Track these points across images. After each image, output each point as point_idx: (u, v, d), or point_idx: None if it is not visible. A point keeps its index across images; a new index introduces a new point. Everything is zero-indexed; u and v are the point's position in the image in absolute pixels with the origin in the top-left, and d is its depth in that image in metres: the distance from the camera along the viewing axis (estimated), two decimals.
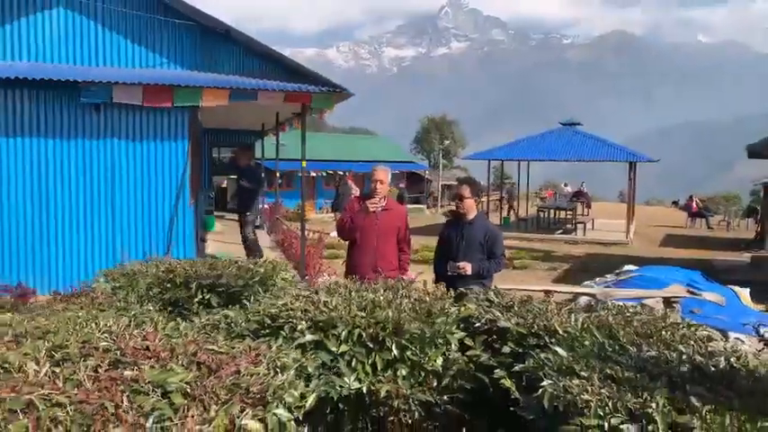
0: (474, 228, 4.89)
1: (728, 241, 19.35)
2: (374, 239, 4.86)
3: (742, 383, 2.24)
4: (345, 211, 5.12)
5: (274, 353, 2.32)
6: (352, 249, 4.98)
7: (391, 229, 5.01)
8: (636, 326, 2.94)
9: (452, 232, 4.98)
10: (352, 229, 4.89)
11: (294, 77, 7.63)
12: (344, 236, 5.04)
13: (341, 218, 5.10)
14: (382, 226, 4.89)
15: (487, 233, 4.92)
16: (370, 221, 4.84)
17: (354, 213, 4.91)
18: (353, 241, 4.97)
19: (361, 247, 4.88)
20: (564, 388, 2.09)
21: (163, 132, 7.34)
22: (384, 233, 4.92)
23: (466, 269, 4.71)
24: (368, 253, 4.86)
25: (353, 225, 4.87)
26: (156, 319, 2.61)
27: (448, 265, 4.80)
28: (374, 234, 4.86)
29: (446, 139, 41.64)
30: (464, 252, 4.83)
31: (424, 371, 3.01)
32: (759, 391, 2.17)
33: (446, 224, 5.27)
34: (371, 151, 28.79)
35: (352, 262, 4.96)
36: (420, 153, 44.49)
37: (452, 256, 4.84)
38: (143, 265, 4.10)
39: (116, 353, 2.18)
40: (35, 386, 1.85)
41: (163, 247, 7.48)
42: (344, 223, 4.93)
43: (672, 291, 6.51)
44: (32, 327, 2.39)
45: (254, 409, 1.90)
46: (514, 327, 3.08)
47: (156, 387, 1.94)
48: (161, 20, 7.22)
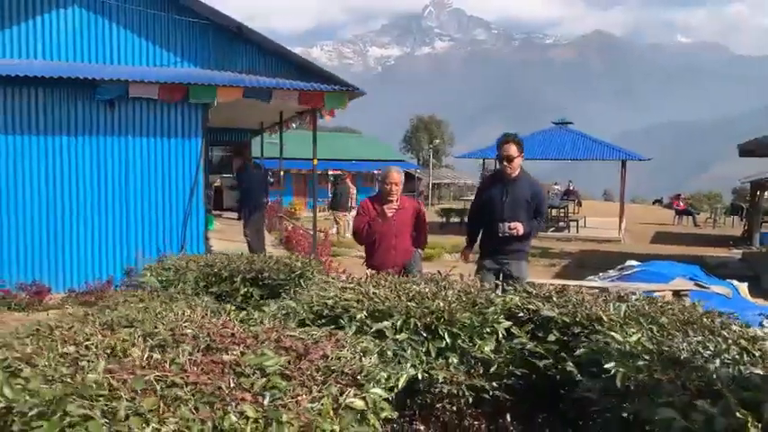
0: (519, 185, 4.63)
1: (716, 238, 19.73)
2: (392, 239, 4.90)
3: None
4: (360, 215, 5.05)
5: (353, 339, 2.43)
6: (373, 251, 4.99)
7: (407, 226, 5.04)
8: (676, 313, 3.10)
9: (495, 191, 4.66)
10: (369, 234, 4.91)
11: (306, 76, 7.71)
12: (361, 240, 5.05)
13: (357, 223, 5.07)
14: (399, 225, 4.91)
15: (533, 191, 4.69)
16: (387, 223, 4.87)
17: (372, 219, 4.90)
18: (370, 244, 4.98)
19: (381, 248, 4.91)
20: (636, 368, 2.23)
21: (177, 129, 7.40)
22: (401, 232, 4.94)
23: (518, 229, 4.47)
24: (388, 252, 4.89)
25: (371, 230, 4.89)
26: (228, 308, 2.70)
27: (498, 226, 4.51)
28: (392, 234, 4.89)
29: (435, 138, 41.96)
30: (510, 211, 4.56)
31: (474, 358, 3.15)
32: None
33: (485, 183, 5.04)
34: (362, 150, 28.90)
35: (374, 263, 4.96)
36: (409, 152, 44.77)
37: (496, 217, 4.57)
38: (182, 261, 4.18)
39: (205, 339, 2.29)
40: (146, 369, 1.95)
41: (177, 244, 7.54)
42: (362, 229, 4.93)
43: (679, 284, 6.72)
44: (117, 316, 2.48)
45: (353, 389, 2.01)
46: (559, 316, 3.22)
47: (256, 370, 2.05)
48: (174, 18, 7.26)
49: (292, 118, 11.00)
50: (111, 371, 1.89)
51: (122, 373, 1.87)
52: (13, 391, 1.74)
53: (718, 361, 2.37)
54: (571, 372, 2.81)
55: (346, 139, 31.59)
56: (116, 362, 1.99)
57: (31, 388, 1.76)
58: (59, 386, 1.75)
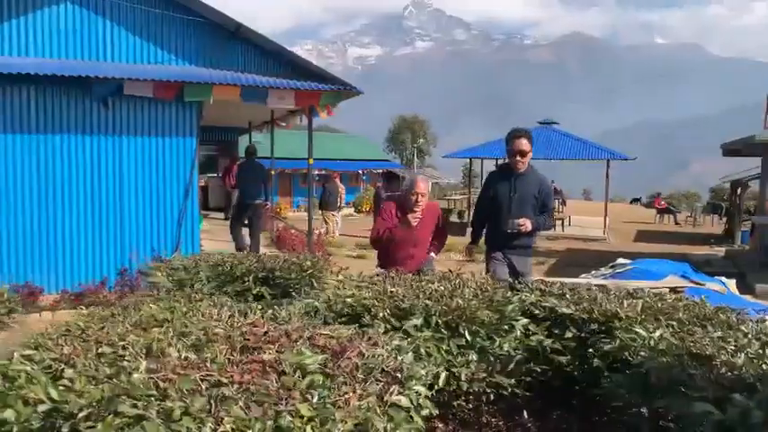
0: (527, 180, 4.59)
1: (697, 236, 20.07)
2: (411, 249, 4.76)
3: None
4: (383, 219, 4.85)
5: (386, 337, 2.43)
6: (388, 257, 4.82)
7: (428, 234, 4.91)
8: (691, 309, 3.15)
9: (503, 187, 4.61)
10: (389, 241, 4.74)
11: (302, 75, 7.68)
12: (380, 247, 4.89)
13: (377, 229, 4.85)
14: (419, 235, 4.78)
15: (541, 186, 4.64)
16: (408, 232, 4.70)
17: (394, 225, 4.71)
18: (387, 249, 4.82)
19: (398, 257, 4.74)
20: (667, 363, 2.26)
21: (171, 128, 7.31)
22: (421, 241, 4.82)
23: (526, 225, 4.42)
24: (404, 262, 4.71)
25: (392, 236, 4.71)
26: (254, 307, 2.68)
27: (507, 222, 4.47)
28: (410, 244, 4.75)
29: (419, 137, 42.10)
30: (517, 207, 4.52)
31: (493, 355, 3.17)
32: None
33: (492, 178, 4.89)
34: (348, 150, 28.82)
35: (389, 267, 4.76)
36: (393, 152, 44.84)
37: (504, 212, 4.53)
38: (190, 260, 4.14)
39: (239, 339, 2.27)
40: (188, 369, 1.93)
41: (171, 245, 7.46)
42: (382, 235, 4.75)
43: (674, 281, 6.82)
44: (145, 316, 2.45)
45: (395, 387, 2.01)
46: (576, 313, 3.26)
47: (296, 368, 2.04)
48: (170, 16, 7.18)
49: (284, 117, 10.95)
50: (154, 371, 1.87)
51: (166, 373, 1.85)
52: (58, 392, 1.71)
53: (742, 356, 2.41)
54: (593, 368, 2.84)
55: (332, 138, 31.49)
56: (155, 362, 1.97)
57: (77, 389, 1.73)
58: (106, 387, 1.73)
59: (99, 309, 3.13)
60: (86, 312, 2.83)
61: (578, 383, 3.37)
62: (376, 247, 4.96)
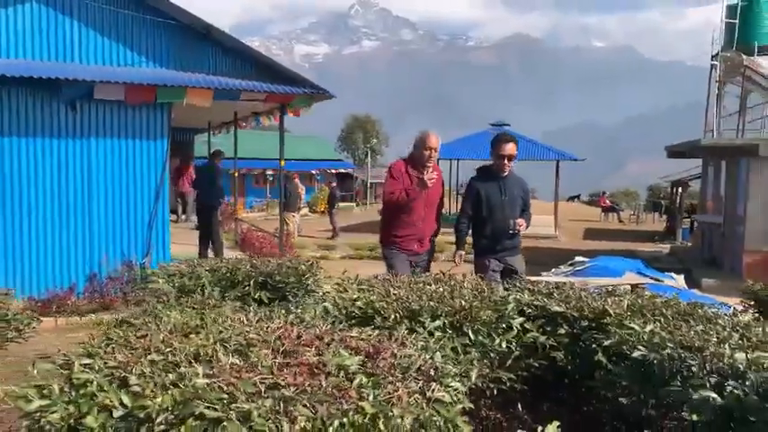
0: (512, 183, 4.78)
1: (640, 234, 21.06)
2: (422, 210, 4.61)
3: None
4: (395, 179, 4.57)
5: (413, 338, 2.58)
6: (398, 221, 4.62)
7: (437, 197, 4.80)
8: (672, 306, 3.44)
9: (492, 190, 4.72)
10: (407, 203, 4.50)
11: (274, 77, 7.70)
12: (393, 209, 4.64)
13: (391, 191, 4.55)
14: (431, 196, 4.65)
15: (522, 187, 4.85)
16: (420, 194, 4.53)
17: (408, 187, 4.50)
18: (397, 214, 4.63)
19: (408, 219, 4.57)
20: (668, 355, 2.50)
21: (142, 131, 7.21)
22: (431, 203, 4.69)
23: (524, 225, 4.63)
24: (414, 225, 4.61)
25: (409, 199, 4.49)
26: (278, 312, 2.78)
27: (509, 223, 4.60)
28: (422, 205, 4.60)
29: (371, 137, 42.38)
30: (510, 208, 4.67)
31: (493, 352, 3.37)
32: None
33: (477, 183, 4.90)
34: (301, 149, 28.70)
35: (398, 234, 4.64)
36: (345, 151, 44.90)
37: (498, 215, 4.65)
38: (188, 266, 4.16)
39: (276, 342, 2.37)
40: (242, 373, 2.02)
41: (142, 249, 7.36)
42: (398, 198, 4.50)
43: (633, 278, 7.25)
44: (179, 323, 2.51)
45: (434, 384, 2.16)
46: (568, 311, 3.50)
47: (339, 369, 2.17)
48: (140, 17, 7.08)
49: (247, 117, 10.92)
50: (213, 375, 1.96)
51: (226, 378, 1.94)
52: (129, 398, 1.79)
53: (727, 347, 2.68)
54: (594, 361, 3.07)
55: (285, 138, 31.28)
56: (209, 367, 2.06)
57: (146, 395, 1.80)
58: (175, 392, 1.81)
59: (108, 316, 3.16)
60: (102, 320, 2.86)
61: (568, 377, 3.62)
62: (392, 210, 4.69)
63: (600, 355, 2.96)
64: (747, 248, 10.35)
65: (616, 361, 2.95)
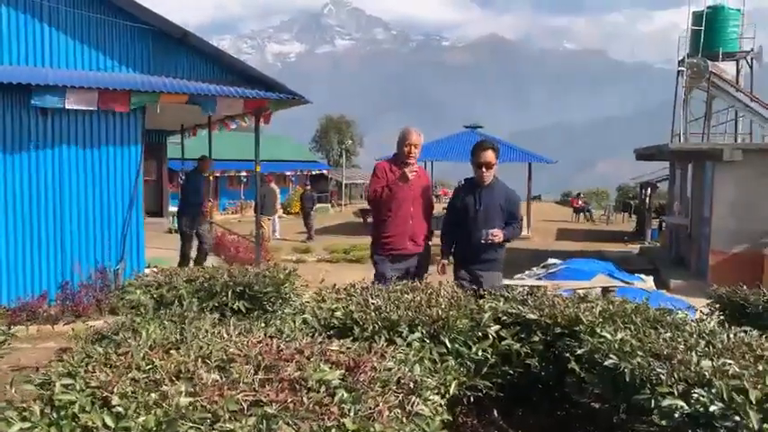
0: (493, 193, 4.64)
1: (611, 234, 21.47)
2: (409, 207, 4.60)
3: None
4: (377, 177, 4.63)
5: (392, 350, 2.62)
6: (387, 220, 4.62)
7: (424, 194, 4.77)
8: (642, 312, 3.55)
9: (469, 199, 4.64)
10: (389, 199, 4.54)
11: (249, 82, 7.67)
12: (380, 207, 4.65)
13: (374, 189, 4.60)
14: (416, 192, 4.64)
15: (507, 197, 4.70)
16: (405, 190, 4.54)
17: (390, 182, 4.52)
18: (384, 213, 4.62)
19: (397, 218, 4.57)
20: (638, 364, 2.59)
21: (115, 137, 7.11)
22: (419, 201, 4.67)
23: (498, 236, 4.46)
24: (404, 223, 4.59)
25: (391, 194, 4.52)
26: (258, 324, 2.80)
27: (482, 233, 4.48)
28: (409, 202, 4.59)
29: (345, 138, 42.35)
30: (484, 219, 4.54)
31: (469, 360, 3.43)
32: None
33: (458, 191, 4.90)
34: (275, 151, 28.53)
35: (388, 233, 4.62)
36: (319, 152, 44.77)
37: (470, 225, 4.57)
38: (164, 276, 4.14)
39: (256, 357, 2.40)
40: (224, 390, 2.04)
41: (116, 256, 7.27)
42: (380, 194, 4.55)
43: (604, 280, 7.42)
44: (160, 338, 2.52)
45: (412, 397, 2.21)
46: (542, 318, 3.58)
47: (321, 384, 2.20)
48: (113, 22, 6.98)
49: (221, 119, 10.85)
50: (195, 394, 1.98)
51: (209, 395, 1.96)
52: (112, 419, 1.80)
53: (694, 354, 2.79)
54: (567, 369, 3.16)
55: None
56: (191, 385, 2.07)
57: (129, 415, 1.81)
58: (158, 412, 1.83)
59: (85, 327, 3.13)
60: (77, 331, 2.84)
61: (542, 383, 3.71)
62: (377, 208, 4.73)
63: (573, 363, 3.04)
64: (713, 249, 10.65)
65: (589, 368, 3.04)
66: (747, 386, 2.33)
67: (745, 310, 4.52)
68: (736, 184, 10.44)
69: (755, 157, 10.44)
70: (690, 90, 13.53)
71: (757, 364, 2.60)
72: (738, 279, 5.11)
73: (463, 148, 20.21)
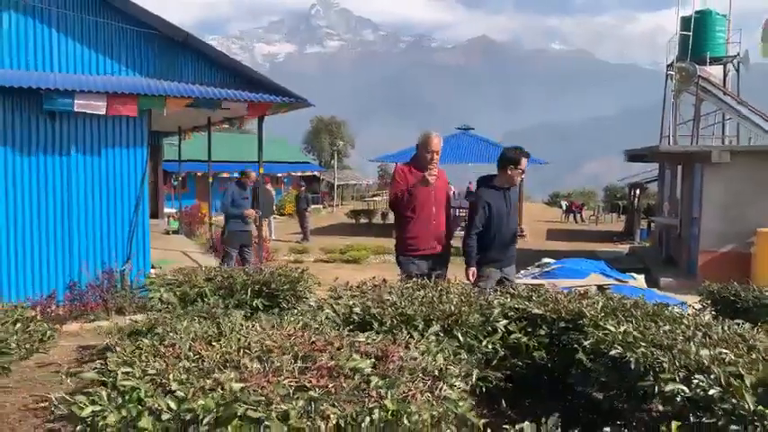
0: (513, 194, 5.09)
1: (601, 234, 21.78)
2: (432, 208, 4.76)
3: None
4: (397, 181, 4.78)
5: (414, 342, 2.82)
6: (410, 222, 4.77)
7: (445, 196, 4.96)
8: (641, 307, 3.77)
9: (500, 202, 4.94)
10: (410, 202, 4.69)
11: (252, 85, 7.82)
12: (402, 209, 4.78)
13: (394, 191, 4.77)
14: (438, 195, 4.81)
15: (516, 197, 5.21)
16: (426, 192, 4.70)
17: (411, 185, 4.68)
18: (407, 215, 4.77)
19: (420, 219, 4.73)
20: (642, 353, 2.81)
21: (121, 140, 7.25)
22: (440, 202, 4.84)
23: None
24: (429, 224, 4.75)
25: (411, 198, 4.68)
26: (288, 319, 2.98)
27: (516, 230, 5.08)
28: (431, 204, 4.76)
29: (337, 139, 42.50)
30: (513, 218, 5.01)
31: (480, 353, 3.63)
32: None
33: (487, 195, 5.00)
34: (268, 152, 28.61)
35: (412, 235, 4.78)
36: (311, 153, 44.88)
37: (503, 226, 4.91)
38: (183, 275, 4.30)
39: (292, 348, 2.58)
40: (270, 377, 2.23)
41: (123, 257, 7.40)
42: (401, 197, 4.70)
43: (598, 279, 7.66)
44: (200, 331, 2.70)
45: (439, 383, 2.40)
46: (548, 313, 3.79)
47: (355, 372, 2.39)
48: (118, 26, 7.12)
49: (220, 122, 10.99)
50: (245, 380, 2.16)
51: (258, 382, 2.14)
52: (175, 402, 1.97)
53: (693, 344, 3.01)
54: (574, 360, 3.37)
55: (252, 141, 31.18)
56: (238, 372, 2.25)
57: (189, 399, 1.99)
58: (215, 395, 2.01)
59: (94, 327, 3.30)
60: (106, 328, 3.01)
61: (547, 374, 3.92)
62: (398, 210, 4.86)
63: (580, 354, 3.25)
64: (702, 249, 10.94)
65: (593, 359, 3.25)
66: (743, 372, 2.56)
67: (736, 305, 4.76)
68: (725, 185, 10.73)
69: (743, 159, 10.74)
70: (679, 93, 13.86)
71: (750, 353, 2.81)
72: (727, 278, 5.32)
73: (457, 149, 20.43)
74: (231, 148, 26.22)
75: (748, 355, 2.77)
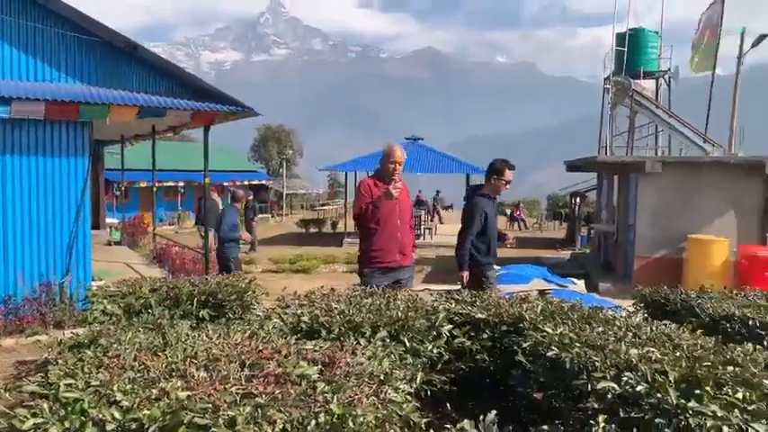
0: (495, 203, 5.49)
1: (545, 241, 22.40)
2: (396, 220, 4.78)
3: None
4: (362, 194, 4.80)
5: (361, 348, 2.88)
6: (374, 235, 4.77)
7: (409, 209, 5.01)
8: (577, 310, 3.95)
9: (491, 211, 5.30)
10: (374, 215, 4.69)
11: (199, 94, 7.74)
12: (367, 222, 4.78)
13: (359, 204, 4.78)
14: (402, 205, 4.83)
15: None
16: (391, 204, 4.70)
17: (376, 198, 4.69)
18: (372, 227, 4.76)
19: (385, 232, 4.73)
20: (576, 354, 2.96)
21: (61, 148, 7.03)
22: (404, 212, 4.87)
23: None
24: (393, 237, 4.75)
25: (377, 209, 4.69)
26: (234, 328, 3.00)
27: (506, 237, 5.64)
28: (395, 216, 4.77)
29: (286, 147, 42.21)
30: (496, 225, 5.39)
31: (426, 357, 3.73)
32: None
33: (480, 202, 5.30)
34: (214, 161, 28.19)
35: (377, 247, 4.78)
36: (258, 161, 44.37)
37: (493, 233, 5.30)
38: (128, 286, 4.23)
39: (239, 357, 2.61)
40: (216, 385, 2.25)
41: (62, 269, 7.17)
42: (366, 210, 4.71)
43: (540, 284, 7.92)
44: (146, 342, 2.68)
45: (384, 386, 2.47)
46: (490, 317, 3.93)
47: (302, 378, 2.44)
48: (60, 33, 6.92)
49: (164, 130, 10.81)
50: (192, 388, 2.18)
51: (205, 389, 2.16)
52: (120, 413, 1.97)
53: (623, 344, 3.19)
54: (514, 361, 3.50)
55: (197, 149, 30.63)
56: (185, 381, 2.26)
57: (135, 408, 1.99)
58: (161, 404, 2.02)
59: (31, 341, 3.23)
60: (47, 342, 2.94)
61: (490, 376, 4.06)
62: (363, 224, 4.85)
63: (520, 356, 3.39)
64: (637, 254, 11.43)
65: (533, 360, 3.40)
66: (667, 369, 2.74)
67: (666, 308, 5.03)
68: (658, 194, 11.27)
69: (674, 170, 11.32)
70: (615, 106, 14.50)
71: (675, 351, 3.01)
72: (660, 282, 5.61)
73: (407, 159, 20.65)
74: (176, 157, 25.69)
75: (673, 353, 2.96)
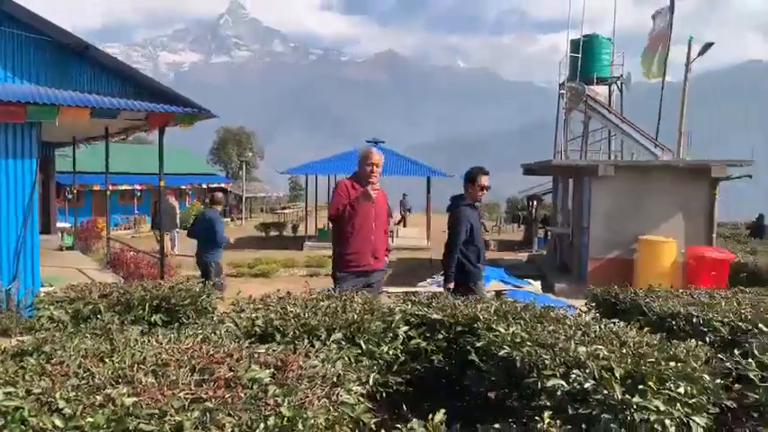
0: (478, 211, 5.50)
1: (504, 243, 22.72)
2: (371, 224, 4.75)
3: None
4: (339, 195, 4.75)
5: (314, 351, 2.88)
6: (349, 237, 4.73)
7: (385, 212, 4.98)
8: (530, 310, 4.03)
9: (475, 218, 5.36)
10: (351, 217, 4.66)
11: (154, 96, 7.59)
12: (342, 225, 4.73)
13: (336, 205, 4.72)
14: (378, 209, 4.80)
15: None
16: (367, 208, 4.68)
17: (353, 200, 4.65)
18: (347, 230, 4.72)
19: (360, 234, 4.70)
20: (527, 352, 3.02)
21: (7, 150, 6.79)
22: (380, 216, 4.84)
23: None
24: (367, 240, 4.73)
25: (353, 212, 4.65)
26: (185, 332, 2.95)
27: (489, 244, 5.70)
28: (371, 219, 4.74)
29: (245, 150, 41.68)
30: (480, 233, 5.37)
31: (381, 359, 3.75)
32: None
33: (465, 213, 5.34)
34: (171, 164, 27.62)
35: (352, 251, 4.75)
36: (217, 164, 43.66)
37: (479, 241, 5.30)
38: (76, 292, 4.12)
39: (189, 361, 2.57)
40: (164, 390, 2.21)
41: (9, 275, 6.92)
42: (343, 211, 4.66)
43: (497, 285, 8.05)
44: (91, 348, 2.61)
45: (337, 388, 2.47)
46: (445, 318, 3.97)
47: (253, 382, 2.42)
48: (7, 32, 6.68)
49: (118, 132, 10.56)
50: (138, 394, 2.14)
51: (152, 395, 2.12)
52: (62, 421, 1.92)
53: (572, 342, 3.27)
54: (467, 361, 3.55)
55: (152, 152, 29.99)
56: (131, 387, 2.21)
57: (77, 416, 1.94)
58: (106, 411, 1.97)
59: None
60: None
61: (445, 377, 4.10)
62: (338, 225, 4.81)
63: (473, 355, 3.43)
64: (591, 256, 11.72)
65: (486, 360, 3.45)
66: (613, 366, 2.82)
67: (616, 307, 5.18)
68: (611, 196, 11.58)
69: (625, 173, 11.65)
70: (569, 111, 14.84)
71: (622, 348, 3.10)
72: (612, 281, 5.77)
73: None
74: (133, 160, 25.11)
75: (620, 350, 3.05)
